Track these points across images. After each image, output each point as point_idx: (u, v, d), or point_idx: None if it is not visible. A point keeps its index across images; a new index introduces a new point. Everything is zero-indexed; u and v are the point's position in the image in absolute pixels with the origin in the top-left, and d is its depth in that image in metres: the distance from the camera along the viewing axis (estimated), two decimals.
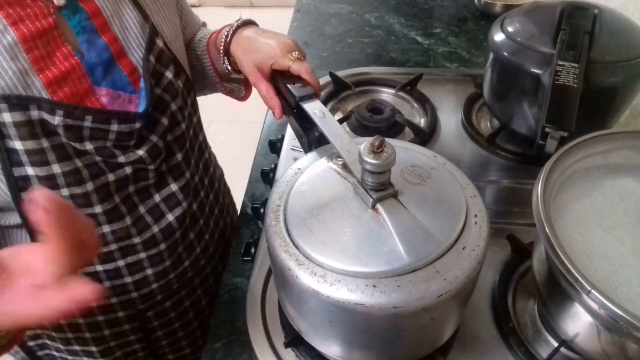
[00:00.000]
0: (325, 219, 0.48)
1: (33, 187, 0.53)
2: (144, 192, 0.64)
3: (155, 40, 0.61)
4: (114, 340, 0.71)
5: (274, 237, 0.49)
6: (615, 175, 0.59)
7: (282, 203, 0.51)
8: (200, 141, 0.76)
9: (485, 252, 0.48)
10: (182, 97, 0.67)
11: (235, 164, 0.94)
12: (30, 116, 0.51)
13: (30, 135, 0.51)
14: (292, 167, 0.56)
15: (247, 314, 0.65)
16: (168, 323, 0.75)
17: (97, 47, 0.56)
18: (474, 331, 0.63)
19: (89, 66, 0.55)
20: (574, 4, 0.78)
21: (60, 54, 0.53)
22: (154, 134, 0.62)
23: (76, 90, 0.54)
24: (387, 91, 1.02)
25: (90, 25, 0.56)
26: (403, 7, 1.38)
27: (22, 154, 0.52)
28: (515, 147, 0.87)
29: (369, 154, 0.46)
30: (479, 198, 0.52)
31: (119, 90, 0.58)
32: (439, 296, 0.44)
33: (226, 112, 2.62)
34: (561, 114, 0.63)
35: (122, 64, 0.58)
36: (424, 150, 0.58)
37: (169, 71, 0.63)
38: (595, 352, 0.51)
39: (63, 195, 0.56)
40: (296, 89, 0.65)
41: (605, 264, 0.49)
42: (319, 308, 0.47)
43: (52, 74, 0.52)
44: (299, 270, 0.45)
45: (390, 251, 0.45)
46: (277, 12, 2.84)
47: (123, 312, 0.69)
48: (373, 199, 0.48)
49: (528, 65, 0.74)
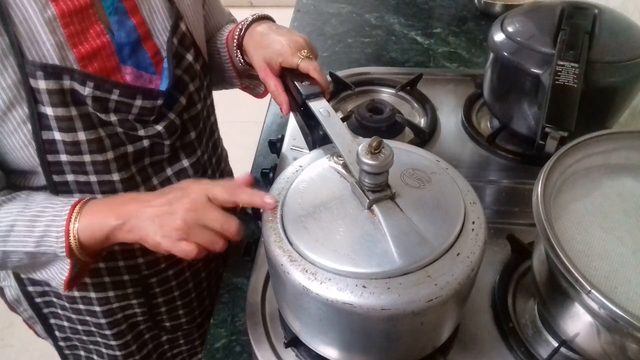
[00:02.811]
0: (321, 217, 0.48)
1: (58, 151, 0.58)
2: (158, 165, 0.68)
3: (179, 24, 0.65)
4: (117, 302, 0.74)
5: (269, 233, 0.49)
6: (615, 175, 0.59)
7: (280, 199, 0.52)
8: (212, 122, 0.80)
9: (480, 259, 0.47)
10: (200, 80, 0.70)
11: (235, 164, 0.94)
12: (62, 85, 0.55)
13: (61, 102, 0.55)
14: (294, 164, 0.57)
15: (247, 314, 0.65)
16: (168, 291, 0.78)
17: (126, 28, 0.60)
18: (474, 331, 0.62)
19: (118, 45, 0.59)
20: (574, 4, 0.78)
21: (94, 31, 0.57)
22: (172, 112, 0.65)
23: (104, 66, 0.58)
24: (387, 91, 1.02)
25: (121, 7, 0.59)
26: (403, 7, 1.38)
27: (51, 119, 0.56)
28: (515, 147, 0.87)
29: (367, 155, 0.46)
30: (479, 205, 0.51)
31: (142, 70, 0.62)
32: (429, 301, 0.43)
33: (226, 112, 2.60)
34: (561, 114, 0.63)
35: (147, 46, 0.62)
36: (427, 154, 0.58)
37: (189, 54, 0.67)
38: (595, 352, 0.51)
39: (85, 161, 0.59)
40: (303, 86, 0.66)
41: (605, 264, 0.49)
42: (309, 305, 0.47)
43: (84, 49, 0.56)
44: (291, 267, 0.46)
45: (383, 253, 0.45)
46: (277, 12, 2.83)
47: (128, 276, 0.72)
48: (369, 199, 0.48)
49: (528, 65, 0.74)
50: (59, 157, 0.58)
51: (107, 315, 0.74)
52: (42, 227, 0.56)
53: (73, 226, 0.55)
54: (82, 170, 0.60)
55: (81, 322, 0.75)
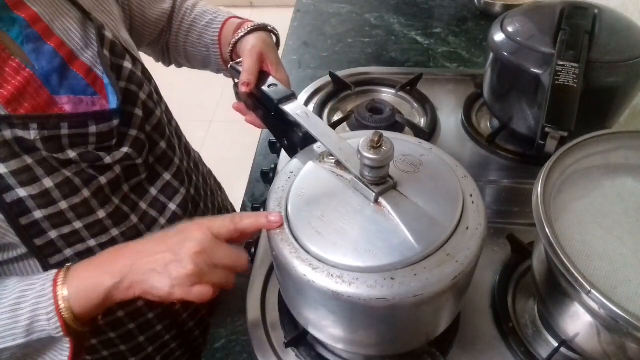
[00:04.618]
0: (331, 219, 0.48)
1: (30, 209, 0.52)
2: (139, 188, 0.64)
3: (104, 34, 0.59)
4: (149, 345, 0.71)
5: (282, 246, 0.48)
6: (615, 175, 0.59)
7: (283, 209, 0.51)
8: (175, 127, 0.75)
9: (486, 228, 0.48)
10: (147, 85, 0.65)
11: (235, 164, 0.94)
12: (4, 136, 0.49)
13: (11, 155, 0.50)
14: (284, 171, 0.55)
15: (247, 314, 0.65)
16: (196, 312, 0.76)
17: (45, 55, 0.54)
18: (474, 331, 0.63)
19: (43, 76, 0.53)
20: (574, 4, 0.78)
21: (10, 68, 0.51)
22: (132, 128, 0.60)
23: (36, 104, 0.52)
24: (387, 91, 1.02)
25: (32, 33, 0.53)
26: (403, 7, 1.38)
27: (8, 177, 0.50)
28: (515, 147, 0.87)
29: (369, 150, 0.46)
30: (470, 178, 0.53)
31: (80, 95, 0.56)
32: (454, 278, 0.44)
33: (226, 112, 2.61)
34: (561, 114, 0.63)
35: (76, 66, 0.57)
36: (409, 138, 0.58)
37: (126, 61, 0.61)
38: (595, 352, 0.51)
39: (62, 209, 0.54)
40: (273, 91, 0.64)
41: (605, 264, 0.49)
42: (339, 309, 0.47)
43: (7, 91, 0.50)
44: (315, 275, 0.45)
45: (401, 242, 0.45)
46: (277, 12, 2.83)
47: (152, 313, 0.69)
48: (375, 193, 0.48)
49: (528, 65, 0.74)
50: (33, 216, 0.52)
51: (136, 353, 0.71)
52: (27, 314, 0.49)
53: (62, 300, 0.50)
54: (62, 221, 0.55)
55: None
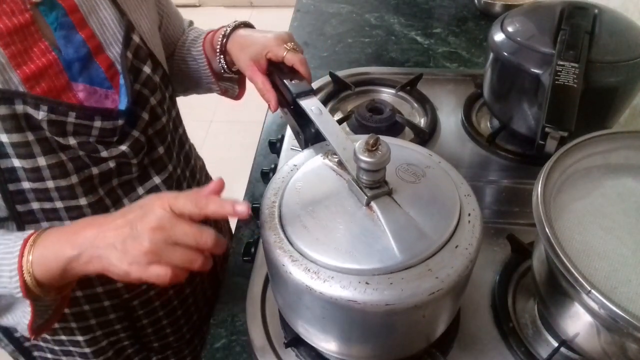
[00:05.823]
0: (320, 216, 0.48)
1: (19, 179, 0.54)
2: (127, 185, 0.65)
3: (131, 36, 0.61)
4: (100, 329, 0.72)
5: (268, 233, 0.49)
6: (615, 175, 0.59)
7: (277, 199, 0.52)
8: (180, 134, 0.77)
9: (478, 250, 0.48)
10: (161, 92, 0.67)
11: (235, 164, 0.94)
12: (15, 110, 0.52)
13: (16, 128, 0.52)
14: (288, 163, 0.57)
15: (247, 314, 0.65)
16: (153, 312, 0.76)
17: (74, 43, 0.56)
18: (474, 331, 0.62)
19: (67, 62, 0.56)
20: (574, 4, 0.78)
21: (38, 49, 0.54)
22: (135, 129, 0.62)
23: (53, 86, 0.55)
24: (387, 91, 1.02)
25: (67, 21, 0.56)
26: (403, 7, 1.38)
27: (8, 146, 0.53)
28: (515, 147, 0.87)
29: (364, 152, 0.46)
30: (473, 197, 0.52)
31: (96, 86, 0.59)
32: (431, 294, 0.44)
33: (226, 112, 2.62)
34: (561, 114, 0.63)
35: (100, 59, 0.59)
36: (419, 149, 0.58)
37: (146, 66, 0.63)
38: (595, 352, 0.51)
39: (49, 187, 0.56)
40: (293, 85, 0.65)
41: (605, 264, 0.49)
42: (312, 304, 0.47)
43: (29, 69, 0.53)
44: (293, 267, 0.46)
45: (384, 249, 0.45)
46: (277, 12, 2.83)
47: (109, 301, 0.69)
48: (367, 196, 0.48)
49: (528, 65, 0.74)
50: (21, 185, 0.55)
51: (92, 344, 0.72)
52: None
53: (26, 261, 0.49)
54: (46, 197, 0.57)
55: (65, 352, 0.73)
